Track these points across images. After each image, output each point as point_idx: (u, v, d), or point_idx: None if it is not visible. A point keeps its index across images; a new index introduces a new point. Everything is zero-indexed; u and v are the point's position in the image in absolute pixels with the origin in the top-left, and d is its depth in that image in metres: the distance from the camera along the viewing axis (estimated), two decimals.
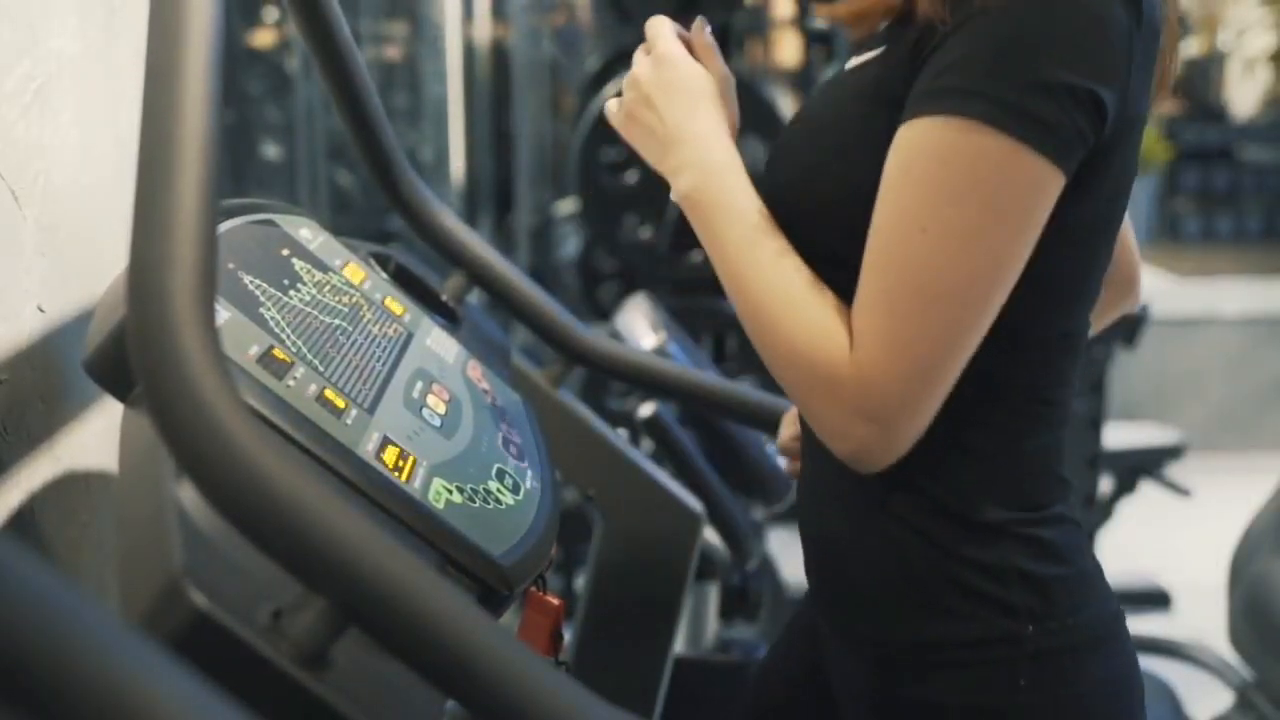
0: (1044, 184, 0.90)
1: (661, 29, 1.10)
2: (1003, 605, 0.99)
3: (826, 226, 1.00)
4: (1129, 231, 1.20)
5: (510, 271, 1.49)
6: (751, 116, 3.43)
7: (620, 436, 1.64)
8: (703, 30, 1.12)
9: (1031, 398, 1.01)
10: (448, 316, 1.38)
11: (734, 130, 1.07)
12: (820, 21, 4.51)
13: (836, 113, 1.04)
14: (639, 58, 1.09)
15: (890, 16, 1.04)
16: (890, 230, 0.92)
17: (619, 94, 1.12)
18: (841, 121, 1.02)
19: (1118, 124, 0.92)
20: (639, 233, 3.48)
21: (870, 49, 1.04)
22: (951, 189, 0.89)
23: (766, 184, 1.06)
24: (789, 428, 1.36)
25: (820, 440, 0.99)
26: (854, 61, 1.05)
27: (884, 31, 1.05)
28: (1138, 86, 0.93)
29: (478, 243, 1.49)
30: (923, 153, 0.90)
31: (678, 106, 1.05)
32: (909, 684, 1.02)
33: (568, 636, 1.29)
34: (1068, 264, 0.98)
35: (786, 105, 5.81)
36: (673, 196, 1.04)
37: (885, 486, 1.00)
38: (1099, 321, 1.22)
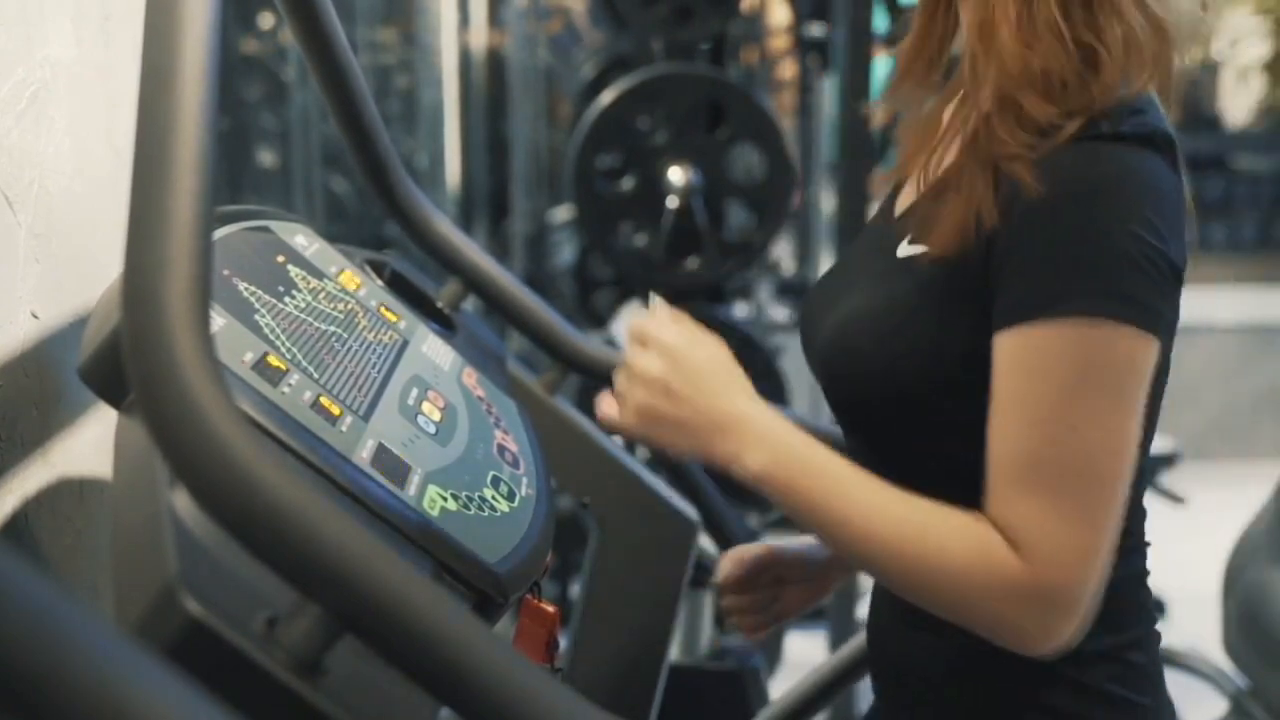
0: (1152, 356, 0.95)
1: (651, 324, 1.05)
2: None
3: (891, 409, 1.03)
4: None
5: (506, 278, 1.49)
6: (749, 125, 3.45)
7: (616, 443, 1.64)
8: (663, 307, 1.09)
9: (1124, 539, 1.03)
10: (443, 323, 1.38)
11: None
12: (816, 30, 4.52)
13: (902, 306, 1.03)
14: (636, 354, 1.03)
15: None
16: (1029, 430, 0.93)
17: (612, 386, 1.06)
18: (910, 317, 1.02)
19: (1181, 274, 0.97)
20: (634, 240, 3.48)
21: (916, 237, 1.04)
22: (1089, 385, 0.92)
23: (819, 359, 1.08)
24: (734, 578, 1.27)
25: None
26: (908, 250, 1.04)
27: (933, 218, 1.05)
28: (1184, 236, 0.98)
29: (473, 250, 1.49)
30: (1050, 357, 0.92)
31: (711, 391, 1.01)
32: None
33: (563, 644, 1.29)
34: (1146, 409, 1.00)
35: (783, 111, 5.82)
36: (744, 476, 1.00)
37: None
38: None
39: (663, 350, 1.01)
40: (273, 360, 0.94)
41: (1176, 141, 0.97)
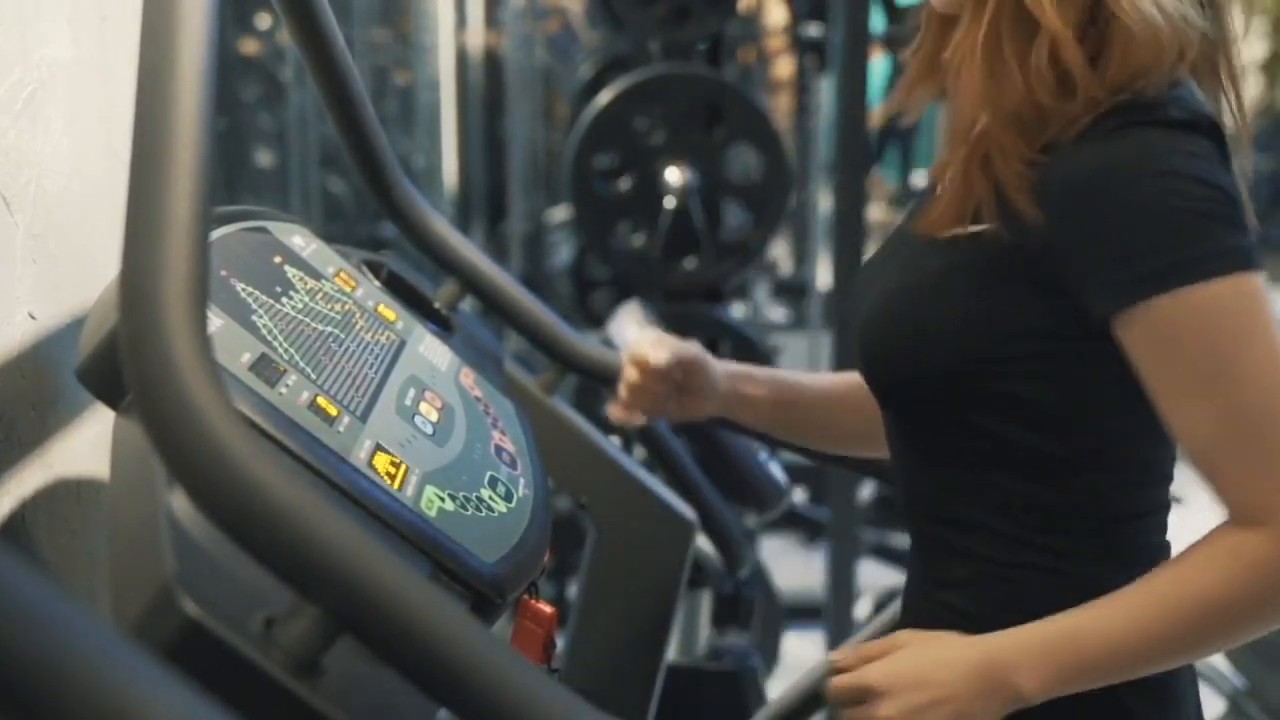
0: (1263, 290, 0.95)
1: (851, 678, 1.02)
2: (1120, 708, 1.01)
3: (931, 392, 1.05)
4: None
5: (503, 279, 1.49)
6: (746, 125, 3.45)
7: (613, 444, 1.64)
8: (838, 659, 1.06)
9: (1145, 509, 1.07)
10: (441, 324, 1.38)
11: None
12: (813, 30, 4.52)
13: (931, 280, 1.05)
14: (869, 712, 1.00)
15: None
16: (1210, 405, 0.94)
17: None
18: (940, 290, 1.04)
19: None
20: (631, 240, 3.48)
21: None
22: (1232, 340, 0.93)
23: (860, 341, 1.10)
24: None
25: (935, 521, 1.04)
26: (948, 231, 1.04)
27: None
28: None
29: (471, 250, 1.49)
30: (1193, 325, 0.93)
31: (945, 681, 0.99)
32: None
33: (560, 644, 1.29)
34: None
35: (780, 111, 5.82)
36: (1040, 698, 0.98)
37: (1004, 592, 1.02)
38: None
39: (885, 692, 1.00)
40: (270, 361, 0.94)
41: (1223, 130, 0.98)
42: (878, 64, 3.96)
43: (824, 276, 4.95)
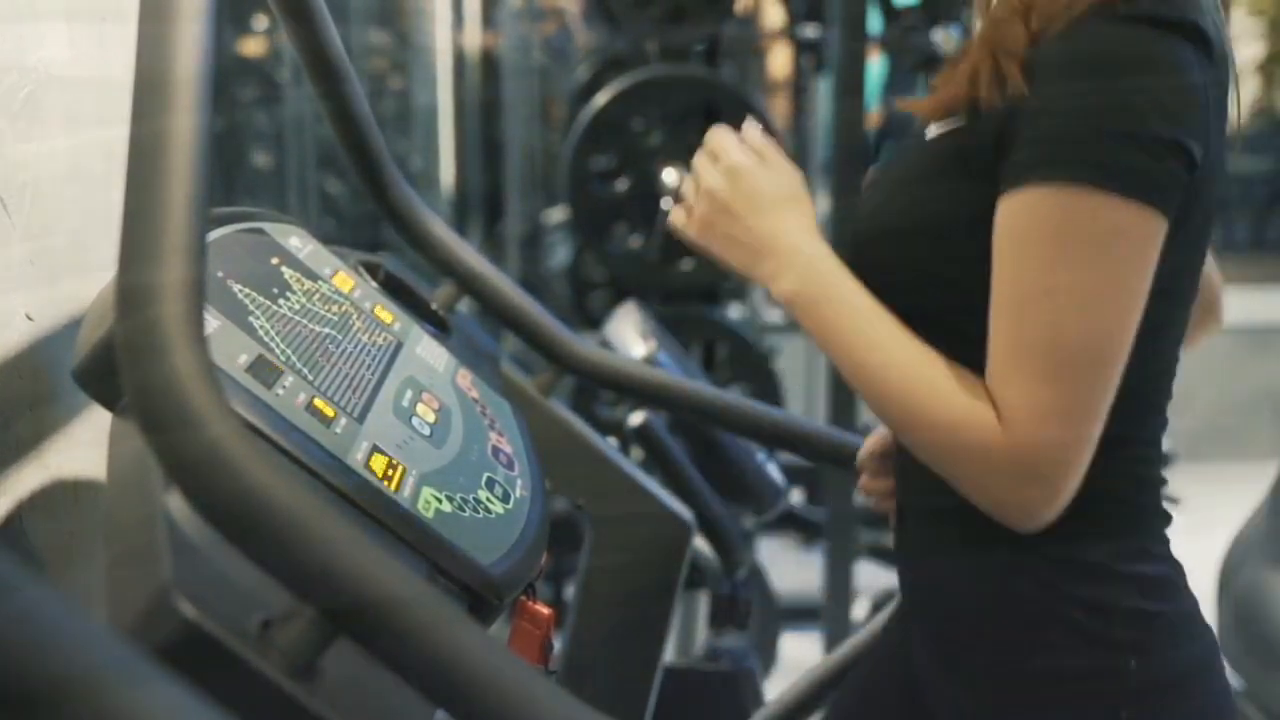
0: (1152, 232, 0.92)
1: (724, 140, 1.12)
2: (1107, 641, 1.00)
3: (915, 284, 1.03)
4: (1208, 256, 1.22)
5: (500, 280, 1.49)
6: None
7: (610, 445, 1.64)
8: (756, 131, 1.14)
9: (1128, 438, 1.02)
10: (437, 325, 1.38)
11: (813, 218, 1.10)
12: (810, 31, 4.52)
13: (919, 180, 1.05)
14: (706, 168, 1.11)
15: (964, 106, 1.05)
16: (1015, 300, 0.93)
17: (678, 197, 1.15)
18: (926, 188, 1.04)
19: (1203, 168, 0.95)
20: (629, 241, 3.48)
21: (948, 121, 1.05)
22: (1070, 253, 0.91)
23: (850, 244, 1.09)
24: (872, 456, 1.28)
25: (925, 475, 1.01)
26: (934, 130, 1.05)
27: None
28: (1216, 128, 0.97)
29: (468, 251, 1.49)
30: (1034, 222, 0.92)
31: (763, 213, 1.07)
32: (1011, 715, 1.04)
33: (558, 645, 1.29)
34: (1158, 308, 0.98)
35: (778, 111, 5.82)
36: (776, 299, 1.06)
37: (990, 527, 0.99)
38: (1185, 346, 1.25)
39: (728, 169, 1.09)
40: (267, 362, 0.94)
41: (1210, 34, 0.95)
42: (875, 65, 3.96)
43: None
